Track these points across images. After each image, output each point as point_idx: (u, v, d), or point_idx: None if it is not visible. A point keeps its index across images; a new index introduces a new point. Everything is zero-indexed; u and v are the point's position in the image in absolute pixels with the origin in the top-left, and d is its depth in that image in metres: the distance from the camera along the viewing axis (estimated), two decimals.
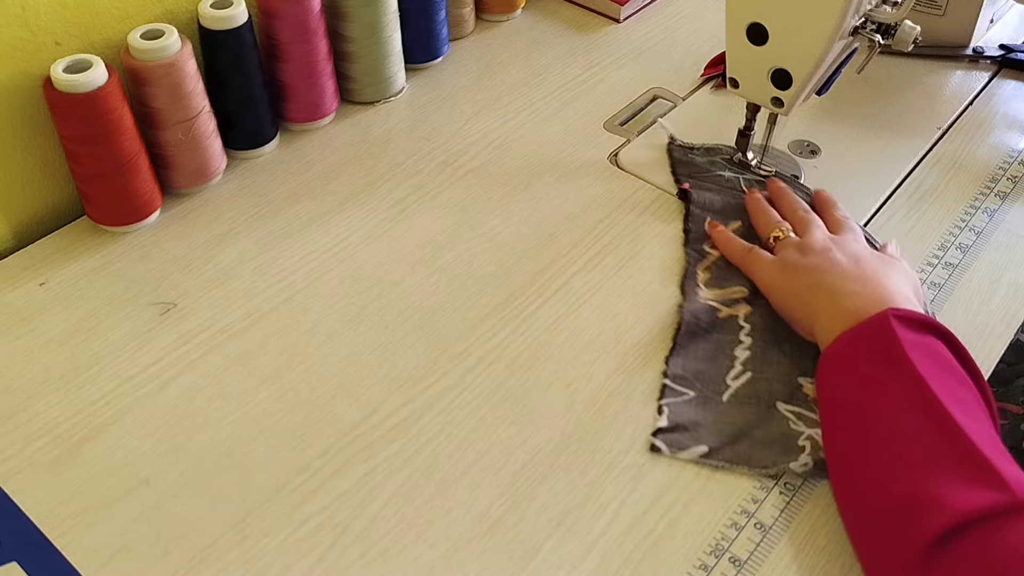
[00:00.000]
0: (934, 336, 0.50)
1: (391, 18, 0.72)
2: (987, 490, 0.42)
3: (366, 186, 0.69)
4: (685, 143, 0.71)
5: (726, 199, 0.66)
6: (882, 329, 0.50)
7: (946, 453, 0.45)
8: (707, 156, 0.70)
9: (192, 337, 0.57)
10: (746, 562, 0.47)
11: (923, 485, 0.44)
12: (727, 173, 0.69)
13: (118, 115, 0.59)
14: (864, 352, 0.50)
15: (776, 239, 0.60)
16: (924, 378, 0.47)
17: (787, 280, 0.57)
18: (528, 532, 0.48)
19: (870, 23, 0.59)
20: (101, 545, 0.47)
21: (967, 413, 0.46)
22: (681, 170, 0.69)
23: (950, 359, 0.50)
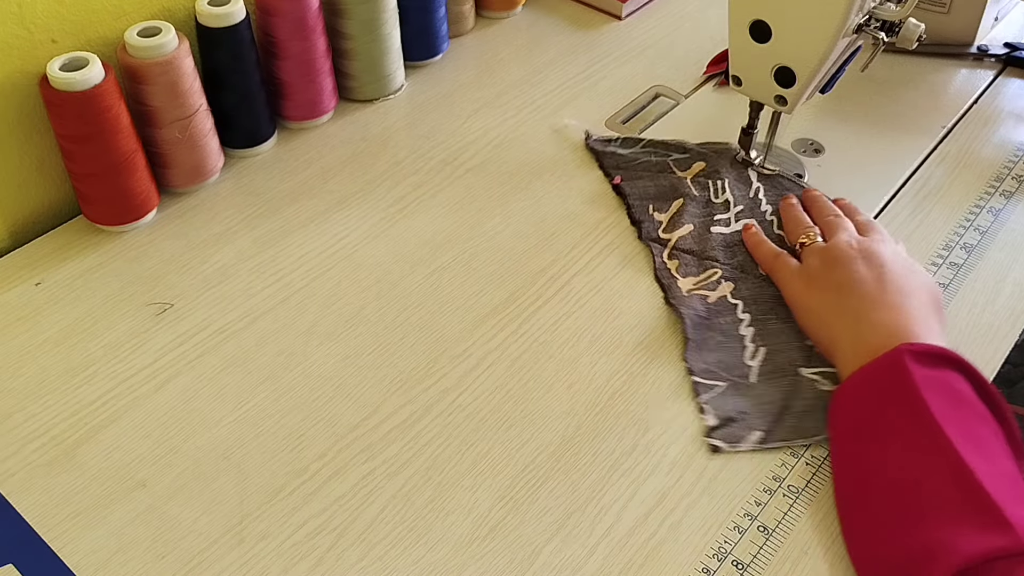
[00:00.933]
0: (952, 369, 0.49)
1: (390, 15, 0.72)
2: (991, 534, 0.42)
3: (365, 185, 0.68)
4: (602, 136, 0.71)
5: (659, 184, 0.67)
6: (896, 367, 0.49)
7: (953, 498, 0.44)
8: (627, 147, 0.70)
9: (189, 337, 0.57)
10: (749, 565, 0.46)
11: (929, 531, 0.44)
12: (653, 158, 0.69)
13: (115, 113, 0.59)
14: (877, 390, 0.49)
15: (802, 244, 0.60)
16: (936, 419, 0.46)
17: (811, 297, 0.56)
18: (529, 535, 0.48)
19: (874, 21, 0.59)
20: (98, 547, 0.47)
21: (980, 453, 0.45)
22: (608, 163, 0.69)
23: (967, 394, 0.49)
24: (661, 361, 0.56)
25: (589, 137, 0.71)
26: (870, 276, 0.55)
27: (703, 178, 0.67)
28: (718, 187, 0.66)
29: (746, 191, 0.67)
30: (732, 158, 0.69)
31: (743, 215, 0.65)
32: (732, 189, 0.66)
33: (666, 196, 0.66)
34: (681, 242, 0.62)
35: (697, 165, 0.68)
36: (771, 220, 0.65)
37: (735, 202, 0.66)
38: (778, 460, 0.51)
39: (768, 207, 0.66)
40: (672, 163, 0.68)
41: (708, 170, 0.68)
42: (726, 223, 0.64)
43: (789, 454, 0.51)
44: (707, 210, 0.65)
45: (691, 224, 0.64)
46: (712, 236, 0.63)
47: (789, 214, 0.63)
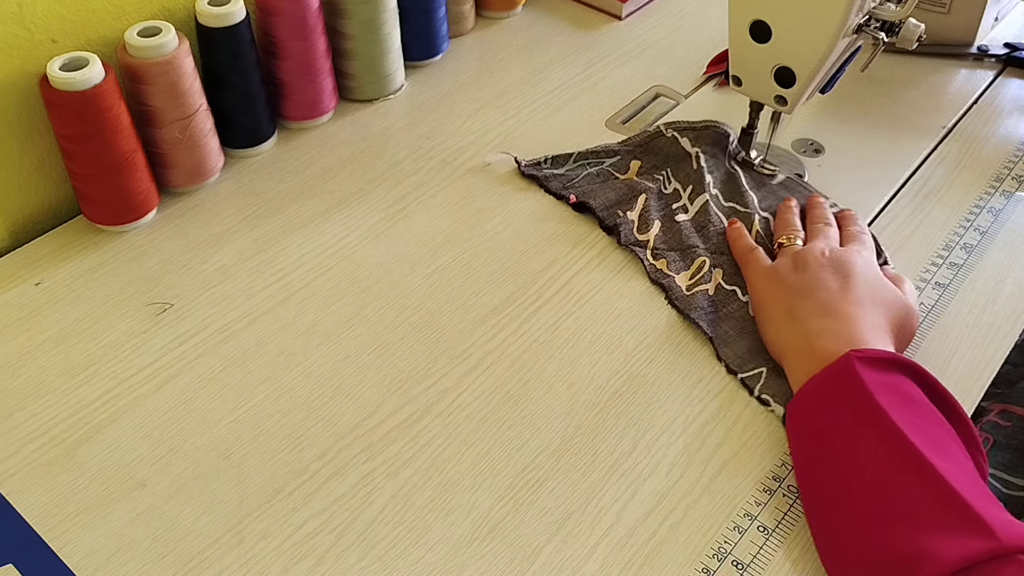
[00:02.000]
0: (902, 373, 0.49)
1: (390, 15, 0.72)
2: (972, 538, 0.42)
3: (365, 185, 0.68)
4: (530, 160, 0.68)
5: (615, 188, 0.66)
6: (846, 373, 0.48)
7: (927, 502, 0.44)
8: (559, 166, 0.68)
9: (189, 337, 0.57)
10: (749, 565, 0.46)
11: (908, 539, 0.43)
12: (591, 169, 0.68)
13: (115, 113, 0.59)
14: (831, 399, 0.49)
15: (781, 245, 0.60)
16: (896, 424, 0.46)
17: (769, 294, 0.57)
18: (529, 535, 0.47)
19: (874, 21, 0.59)
20: (98, 547, 0.47)
21: (943, 455, 0.45)
22: (553, 185, 0.67)
23: (920, 397, 0.48)
24: (661, 361, 0.56)
25: (520, 164, 0.68)
26: (834, 284, 0.54)
27: (645, 174, 0.68)
28: (662, 179, 0.66)
29: (688, 170, 0.67)
30: (657, 143, 0.69)
31: (695, 194, 0.65)
32: (675, 175, 0.67)
33: (627, 197, 0.65)
34: (658, 241, 0.63)
35: (634, 164, 0.68)
36: (716, 193, 0.65)
37: (683, 185, 0.66)
38: (778, 460, 0.51)
39: (709, 178, 0.65)
40: (611, 168, 0.68)
41: (646, 167, 0.68)
42: (684, 209, 0.65)
43: (789, 454, 0.51)
44: (663, 202, 0.65)
45: (657, 220, 0.64)
46: (681, 226, 0.63)
47: (781, 216, 0.63)
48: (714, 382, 0.55)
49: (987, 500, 0.44)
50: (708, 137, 0.68)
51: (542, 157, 0.69)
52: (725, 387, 0.55)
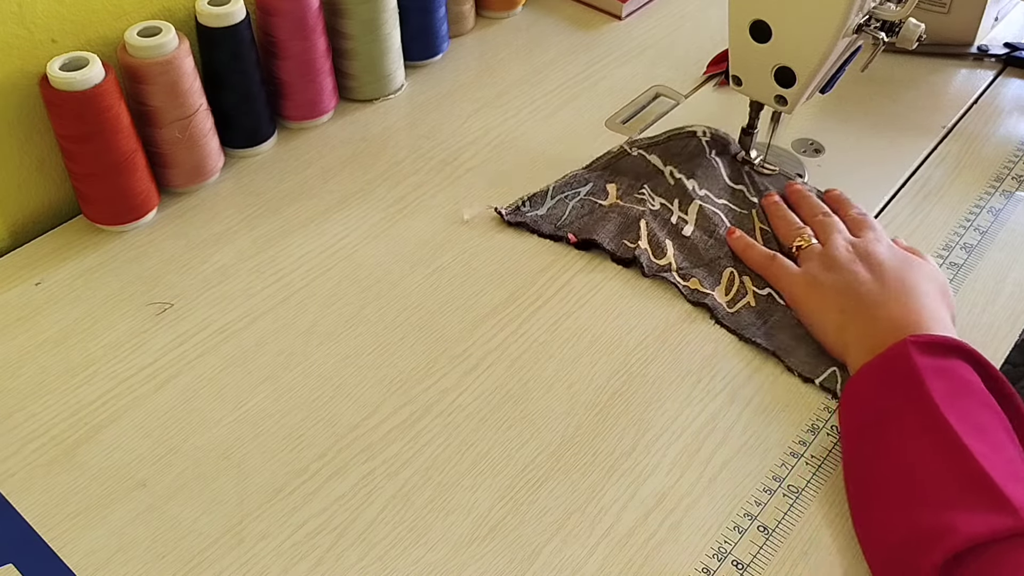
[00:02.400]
0: (958, 358, 0.50)
1: (390, 15, 0.72)
2: (994, 515, 0.42)
3: (365, 185, 0.68)
4: (508, 206, 0.65)
5: (611, 219, 0.63)
6: (901, 359, 0.49)
7: (955, 482, 0.45)
8: (539, 205, 0.65)
9: (189, 337, 0.57)
10: (749, 566, 0.46)
11: (933, 514, 0.44)
12: (572, 202, 0.65)
13: (114, 113, 0.59)
14: (883, 383, 0.50)
15: (799, 248, 0.60)
16: (938, 405, 0.47)
17: (817, 300, 0.57)
18: (529, 535, 0.47)
19: (874, 21, 0.59)
20: (98, 547, 0.47)
21: (983, 438, 0.46)
22: (544, 227, 0.63)
23: (972, 381, 0.49)
24: (661, 361, 0.56)
25: (502, 213, 0.64)
26: (870, 276, 0.55)
27: (626, 197, 0.66)
28: (646, 197, 0.65)
29: (666, 185, 0.66)
30: (624, 163, 0.67)
31: (684, 204, 0.64)
32: (655, 191, 0.65)
33: (627, 226, 0.63)
34: (679, 261, 0.61)
35: (611, 188, 0.66)
36: (704, 194, 0.65)
37: (668, 199, 0.65)
38: (778, 460, 0.51)
39: (691, 183, 0.65)
40: (590, 196, 0.65)
41: (622, 188, 0.66)
42: (684, 221, 0.64)
43: (789, 454, 0.51)
44: (660, 220, 0.63)
45: (668, 240, 0.62)
46: (693, 239, 0.63)
47: (777, 213, 0.63)
48: (714, 382, 0.55)
49: (1019, 482, 0.44)
50: (676, 148, 0.67)
51: (519, 200, 0.65)
52: (725, 387, 0.55)
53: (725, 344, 0.57)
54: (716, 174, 0.67)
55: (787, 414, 0.53)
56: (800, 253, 0.60)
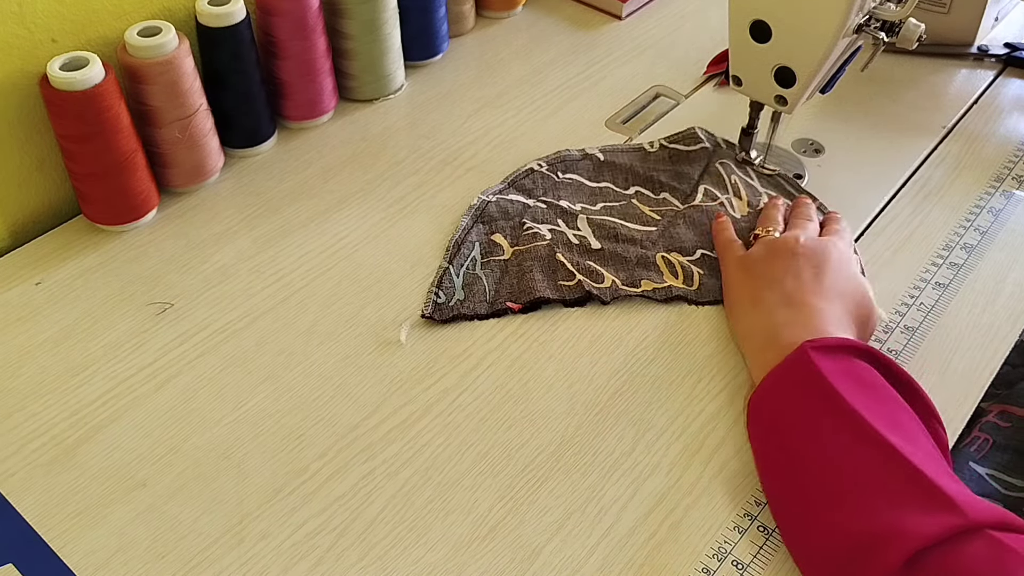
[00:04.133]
0: (859, 358, 0.49)
1: (390, 15, 0.72)
2: (940, 514, 0.42)
3: (365, 184, 0.68)
4: (425, 304, 0.58)
5: (529, 267, 0.59)
6: (802, 363, 0.49)
7: (893, 483, 0.44)
8: (451, 290, 0.58)
9: (189, 337, 0.57)
10: (748, 566, 0.46)
11: (876, 519, 0.43)
12: (481, 271, 0.59)
13: (115, 113, 0.59)
14: (790, 391, 0.49)
15: (756, 236, 0.61)
16: (855, 408, 0.46)
17: (742, 283, 0.57)
18: (529, 535, 0.47)
19: (874, 21, 0.59)
20: (98, 547, 0.47)
21: (905, 436, 0.45)
22: (480, 309, 0.58)
23: (878, 380, 0.49)
24: (661, 361, 0.56)
25: (428, 315, 0.57)
26: (807, 273, 0.55)
27: (520, 241, 0.62)
28: (535, 230, 0.62)
29: (538, 210, 0.64)
30: (487, 207, 0.63)
31: (570, 224, 0.62)
32: (536, 219, 0.63)
33: (549, 265, 0.59)
34: (617, 274, 0.60)
35: (498, 239, 0.62)
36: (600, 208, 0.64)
37: (553, 223, 0.63)
38: None
39: (566, 202, 0.64)
40: (492, 258, 0.60)
41: (508, 232, 0.62)
42: (583, 237, 0.62)
43: None
44: (566, 246, 0.61)
45: (588, 261, 0.60)
46: (605, 249, 0.61)
47: (766, 211, 0.64)
48: (714, 382, 0.55)
49: (950, 478, 0.44)
50: (528, 184, 0.65)
51: (430, 292, 0.59)
52: (725, 387, 0.55)
53: (725, 344, 0.57)
54: (576, 188, 0.66)
55: None
56: (757, 240, 0.60)
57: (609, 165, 0.68)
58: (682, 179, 0.67)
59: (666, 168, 0.68)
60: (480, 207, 0.63)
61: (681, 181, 0.67)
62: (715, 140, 0.70)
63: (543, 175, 0.66)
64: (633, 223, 0.64)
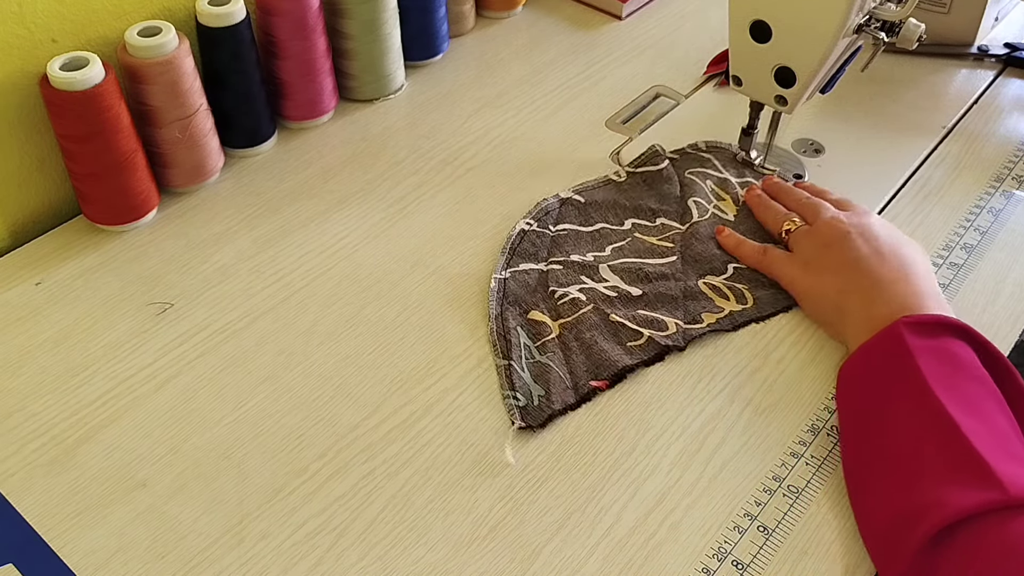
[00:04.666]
0: (952, 336, 0.50)
1: (390, 15, 0.72)
2: (981, 490, 0.43)
3: (365, 184, 0.68)
4: (511, 417, 0.52)
5: (593, 341, 0.55)
6: (894, 340, 0.50)
7: (946, 458, 0.45)
8: (526, 389, 0.53)
9: (189, 337, 0.57)
10: (749, 565, 0.46)
11: (922, 490, 0.45)
12: (544, 357, 0.55)
13: (115, 113, 0.59)
14: (877, 365, 0.50)
15: (788, 232, 0.60)
16: (930, 385, 0.47)
17: (812, 282, 0.57)
18: (529, 535, 0.47)
19: (874, 21, 0.59)
20: (98, 547, 0.47)
21: (973, 412, 0.46)
22: (569, 399, 0.53)
23: (965, 358, 0.49)
24: (660, 363, 0.56)
25: (527, 425, 0.52)
26: (868, 250, 0.55)
27: (561, 311, 0.57)
28: (573, 296, 0.58)
29: (556, 274, 0.60)
30: (507, 284, 0.58)
31: (596, 278, 0.59)
32: (568, 282, 0.59)
33: (610, 328, 0.56)
34: (677, 317, 0.57)
35: (537, 315, 0.57)
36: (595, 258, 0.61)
37: (581, 282, 0.59)
38: (778, 460, 0.51)
39: (563, 257, 0.60)
40: (543, 340, 0.55)
41: (542, 304, 0.58)
42: (617, 289, 0.59)
43: (789, 454, 0.51)
44: (610, 303, 0.58)
45: (641, 311, 0.57)
46: (646, 295, 0.58)
47: (762, 204, 0.64)
48: (714, 382, 0.55)
49: (1008, 456, 0.45)
50: (512, 244, 0.61)
51: (509, 404, 0.52)
52: (725, 387, 0.55)
53: (725, 344, 0.57)
54: (576, 238, 0.62)
55: (787, 414, 0.53)
56: (790, 237, 0.60)
57: (593, 205, 0.65)
58: (669, 200, 0.66)
59: (648, 193, 0.66)
60: (499, 289, 0.58)
61: (669, 202, 0.66)
62: (669, 152, 0.69)
63: (537, 234, 0.62)
64: (651, 258, 0.61)
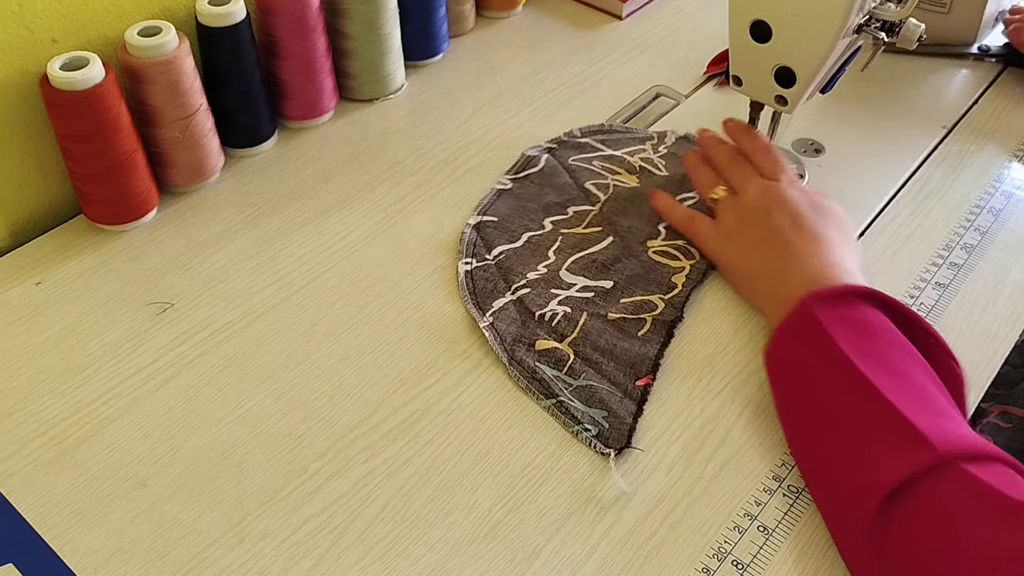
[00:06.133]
0: (862, 303, 0.51)
1: (391, 15, 0.72)
2: (912, 450, 0.44)
3: (365, 184, 0.68)
4: (603, 437, 0.51)
5: (607, 331, 0.57)
6: (806, 317, 0.51)
7: (873, 426, 0.46)
8: (584, 415, 0.52)
9: (189, 337, 0.57)
10: (749, 565, 0.46)
11: (859, 461, 0.46)
12: (588, 380, 0.54)
13: (115, 113, 0.59)
14: (795, 343, 0.52)
15: (714, 201, 0.62)
16: (846, 354, 0.48)
17: (734, 255, 0.59)
18: (529, 535, 0.48)
19: (874, 21, 0.59)
20: (98, 547, 0.47)
21: (893, 376, 0.47)
22: (623, 405, 0.53)
23: (880, 322, 0.51)
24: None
25: (614, 451, 0.51)
26: (786, 225, 0.57)
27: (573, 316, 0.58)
28: (550, 311, 0.58)
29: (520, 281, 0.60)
30: (498, 319, 0.57)
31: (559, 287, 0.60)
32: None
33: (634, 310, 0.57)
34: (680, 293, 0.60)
35: (542, 345, 0.56)
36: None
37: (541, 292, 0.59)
38: (778, 460, 0.51)
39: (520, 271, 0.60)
40: (563, 369, 0.55)
41: (536, 322, 0.57)
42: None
43: (789, 454, 0.51)
44: (585, 304, 0.59)
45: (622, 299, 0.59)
46: (620, 277, 0.60)
47: (695, 166, 0.66)
48: (714, 382, 0.55)
49: (933, 413, 0.46)
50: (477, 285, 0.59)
51: (579, 436, 0.52)
52: (725, 387, 0.55)
53: (725, 344, 0.57)
54: (516, 256, 0.62)
55: None
56: (716, 206, 0.62)
57: (507, 220, 0.64)
58: (567, 189, 0.67)
59: (544, 190, 0.66)
60: (495, 337, 0.56)
61: (568, 192, 0.66)
62: (546, 143, 0.71)
63: (483, 268, 0.61)
64: (591, 247, 0.62)
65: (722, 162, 0.64)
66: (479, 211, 0.65)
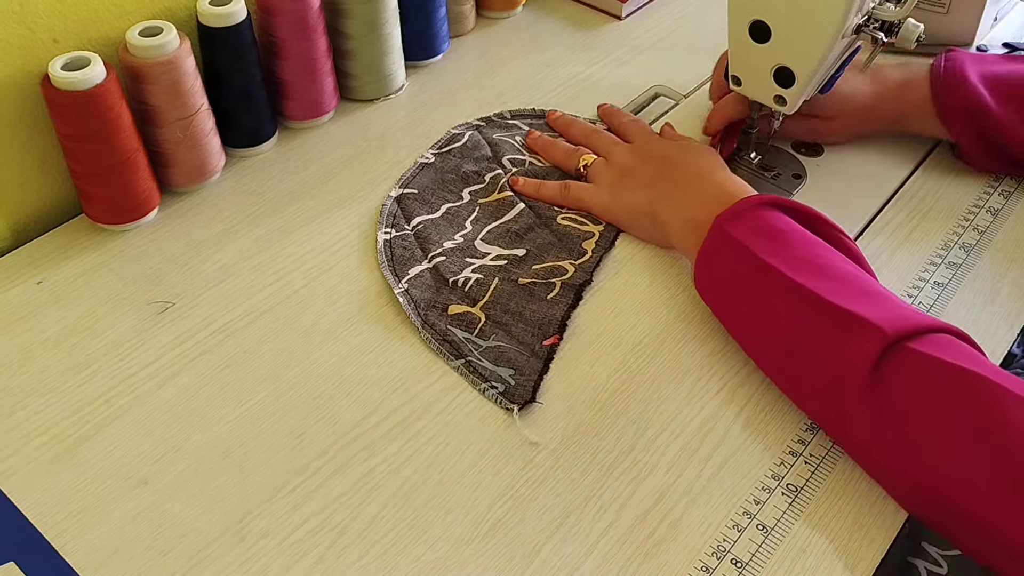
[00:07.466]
0: (765, 209, 0.54)
1: (391, 15, 0.72)
2: (866, 340, 0.46)
3: (365, 184, 0.68)
4: (509, 393, 0.53)
5: (524, 292, 0.58)
6: (721, 238, 0.54)
7: (819, 325, 0.49)
8: (510, 372, 0.54)
9: (190, 336, 0.57)
10: (748, 564, 0.47)
11: (819, 362, 0.48)
12: (498, 341, 0.56)
13: (116, 113, 0.59)
14: (719, 267, 0.55)
15: (586, 167, 0.65)
16: (769, 263, 0.51)
17: (625, 200, 0.62)
18: (529, 533, 0.48)
19: (873, 21, 0.59)
20: (99, 545, 0.47)
21: (820, 272, 0.50)
22: (529, 362, 0.55)
23: (789, 225, 0.53)
24: (660, 359, 0.56)
25: (517, 407, 0.53)
26: (663, 165, 0.61)
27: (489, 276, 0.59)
28: (461, 277, 0.59)
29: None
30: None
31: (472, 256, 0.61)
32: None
33: (544, 274, 0.59)
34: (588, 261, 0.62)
35: (454, 308, 0.58)
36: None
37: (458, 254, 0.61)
38: (777, 459, 0.51)
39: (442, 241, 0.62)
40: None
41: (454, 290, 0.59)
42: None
43: (788, 453, 0.51)
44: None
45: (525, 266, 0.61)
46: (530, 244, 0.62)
47: (547, 144, 0.68)
48: (713, 380, 0.55)
49: (869, 298, 0.48)
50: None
51: (486, 393, 0.54)
52: (724, 385, 0.55)
53: (725, 343, 0.57)
54: (436, 226, 0.63)
55: (786, 413, 0.53)
56: (588, 171, 0.64)
57: (427, 191, 0.66)
58: (483, 160, 0.69)
59: (463, 161, 0.69)
60: (408, 302, 0.58)
61: (485, 163, 0.69)
62: (475, 120, 0.73)
63: (401, 237, 0.62)
64: (505, 215, 0.64)
65: (582, 135, 0.67)
66: (400, 184, 0.67)
